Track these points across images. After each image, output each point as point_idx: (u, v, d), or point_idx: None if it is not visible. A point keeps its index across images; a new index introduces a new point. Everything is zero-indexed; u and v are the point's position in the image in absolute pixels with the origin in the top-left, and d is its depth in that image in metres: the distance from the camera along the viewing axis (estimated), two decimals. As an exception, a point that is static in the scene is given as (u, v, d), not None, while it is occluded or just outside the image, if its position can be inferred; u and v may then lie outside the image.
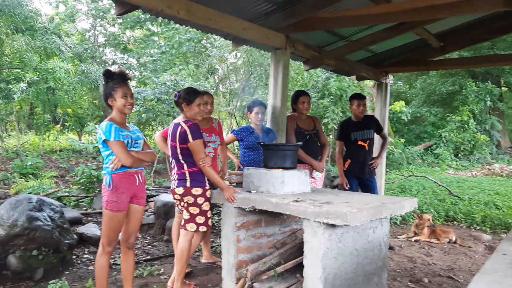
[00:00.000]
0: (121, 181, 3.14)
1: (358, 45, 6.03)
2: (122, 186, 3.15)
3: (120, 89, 3.16)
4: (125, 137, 3.14)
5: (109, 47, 19.36)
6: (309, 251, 2.82)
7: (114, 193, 3.12)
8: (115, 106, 3.19)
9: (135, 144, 3.24)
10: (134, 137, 3.24)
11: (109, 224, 3.18)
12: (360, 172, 5.26)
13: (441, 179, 11.42)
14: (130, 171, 3.20)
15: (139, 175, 3.29)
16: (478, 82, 18.95)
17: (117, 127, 3.11)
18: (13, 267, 3.81)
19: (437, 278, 4.28)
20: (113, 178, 3.11)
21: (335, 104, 11.87)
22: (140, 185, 3.31)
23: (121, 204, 3.15)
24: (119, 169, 3.13)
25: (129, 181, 3.20)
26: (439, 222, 6.97)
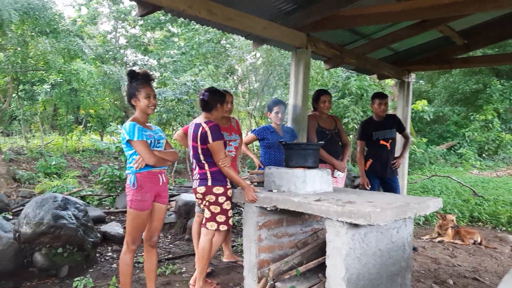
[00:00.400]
0: (145, 180, 3.17)
1: (380, 43, 5.96)
2: (146, 186, 3.17)
3: (143, 90, 3.18)
4: (148, 136, 3.16)
5: (130, 48, 19.59)
6: (331, 251, 2.79)
7: (139, 192, 3.15)
8: (138, 107, 3.21)
9: (157, 143, 3.26)
10: (156, 137, 3.26)
11: (133, 223, 3.21)
12: (382, 172, 5.20)
13: (465, 179, 11.20)
14: (154, 171, 3.22)
15: (162, 175, 3.32)
16: (502, 80, 18.53)
17: (140, 127, 3.14)
18: (39, 264, 3.89)
19: (462, 280, 4.20)
20: (138, 178, 3.14)
21: (356, 104, 11.77)
22: (164, 185, 3.34)
23: (145, 203, 3.18)
24: (143, 169, 3.15)
25: (153, 181, 3.23)
26: (463, 223, 6.84)
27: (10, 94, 12.63)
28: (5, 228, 4.09)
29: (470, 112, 18.61)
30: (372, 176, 5.21)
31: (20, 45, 10.67)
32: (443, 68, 8.52)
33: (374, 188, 5.16)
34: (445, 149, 17.20)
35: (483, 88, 18.54)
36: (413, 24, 5.45)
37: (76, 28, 16.14)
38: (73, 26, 15.81)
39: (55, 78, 13.30)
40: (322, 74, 12.53)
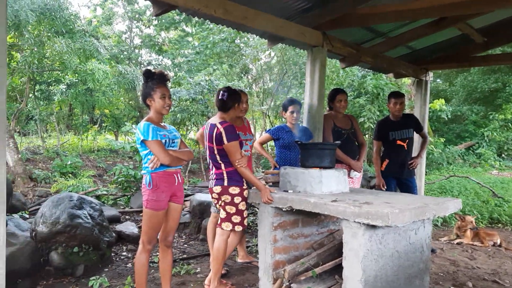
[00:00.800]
0: (161, 180, 3.16)
1: (397, 42, 5.87)
2: (162, 185, 3.16)
3: (159, 90, 3.16)
4: (162, 136, 3.15)
5: (145, 48, 19.73)
6: (348, 252, 2.74)
7: (154, 192, 3.14)
8: (153, 106, 3.20)
9: (172, 143, 3.25)
10: (171, 136, 3.25)
11: (149, 223, 3.20)
12: (398, 172, 5.12)
13: (484, 180, 11.00)
14: (170, 171, 3.21)
15: (178, 174, 3.30)
16: (522, 79, 18.20)
17: (155, 127, 3.13)
18: (56, 263, 3.91)
19: (481, 283, 4.11)
20: (153, 177, 3.13)
21: (372, 103, 11.64)
22: (179, 185, 3.32)
23: (161, 203, 3.17)
24: (158, 169, 3.14)
25: (169, 180, 3.21)
26: (482, 224, 6.71)
27: (27, 94, 12.80)
28: (22, 227, 4.12)
29: (489, 111, 18.32)
30: (388, 177, 5.13)
31: (37, 45, 10.80)
32: (462, 67, 8.36)
33: (391, 189, 5.09)
34: (463, 149, 16.95)
35: (502, 87, 18.23)
36: (431, 22, 5.35)
37: (91, 29, 16.32)
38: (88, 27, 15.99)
39: (70, 78, 13.44)
40: (337, 73, 12.43)
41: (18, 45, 11.15)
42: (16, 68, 11.59)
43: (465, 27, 5.54)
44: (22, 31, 9.73)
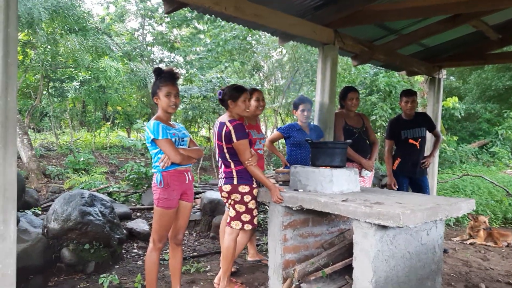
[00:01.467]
0: (172, 178, 3.16)
1: (410, 39, 5.80)
2: (173, 184, 3.17)
3: (164, 88, 3.15)
4: (172, 135, 3.15)
5: (157, 45, 19.77)
6: (359, 253, 2.72)
7: (166, 191, 3.14)
8: (160, 105, 3.20)
9: (182, 141, 3.25)
10: (180, 134, 3.25)
11: (160, 221, 3.21)
12: (411, 172, 5.06)
13: (497, 179, 10.84)
14: (180, 169, 3.21)
15: (188, 172, 3.31)
16: (538, 76, 17.89)
17: (164, 125, 3.13)
18: (67, 260, 3.94)
19: (495, 284, 4.05)
20: (164, 176, 3.14)
21: (384, 101, 11.54)
22: (189, 183, 3.33)
23: (172, 202, 3.18)
24: (169, 167, 3.14)
25: (179, 179, 3.22)
26: (496, 224, 6.62)
27: (41, 91, 12.94)
28: (34, 224, 4.16)
29: (503, 109, 18.04)
30: (400, 176, 5.08)
31: (50, 43, 10.90)
32: (476, 64, 8.27)
33: (403, 188, 5.04)
34: (476, 148, 16.74)
35: (517, 85, 17.95)
36: (445, 19, 5.27)
37: (104, 26, 16.40)
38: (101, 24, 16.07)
39: (84, 75, 13.56)
40: (349, 71, 12.36)
41: (32, 43, 11.27)
42: (30, 65, 11.71)
43: (479, 24, 5.45)
44: (35, 29, 9.82)
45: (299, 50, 13.49)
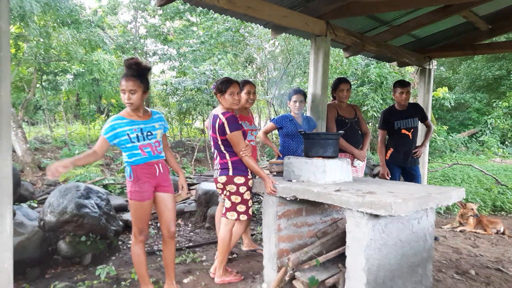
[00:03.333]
0: (142, 172, 3.16)
1: (401, 30, 5.85)
2: (143, 177, 3.17)
3: (122, 83, 3.08)
4: (133, 130, 3.11)
5: (150, 38, 19.66)
6: (351, 242, 2.79)
7: (136, 183, 3.15)
8: None
9: (148, 135, 3.19)
10: (149, 127, 3.20)
11: (135, 214, 3.21)
12: (403, 161, 5.14)
13: (487, 168, 11.00)
14: (151, 162, 3.21)
15: (159, 165, 3.28)
16: (528, 66, 18.05)
17: (117, 123, 3.09)
18: (64, 252, 3.98)
19: (484, 270, 4.15)
20: (133, 169, 3.14)
21: (375, 92, 11.62)
22: (162, 174, 3.30)
23: (144, 194, 3.18)
24: (139, 161, 3.15)
25: (150, 172, 3.21)
26: (485, 212, 6.75)
27: (34, 84, 12.87)
28: (30, 217, 4.19)
29: (492, 98, 18.23)
30: (393, 166, 5.16)
31: (43, 36, 10.83)
32: (466, 54, 8.30)
33: (395, 178, 5.12)
34: (466, 137, 16.91)
35: (506, 74, 18.12)
36: (436, 10, 5.31)
37: (97, 19, 16.28)
38: (94, 17, 15.95)
39: (77, 68, 13.49)
40: (341, 62, 12.41)
41: (24, 36, 11.19)
42: (23, 58, 11.64)
43: (469, 14, 5.50)
44: (27, 22, 9.76)
45: (291, 42, 13.50)
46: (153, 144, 3.22)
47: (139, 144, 3.14)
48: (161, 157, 3.31)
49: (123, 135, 3.09)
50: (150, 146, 3.20)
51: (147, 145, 3.18)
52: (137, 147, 3.14)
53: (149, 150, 3.19)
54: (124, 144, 3.12)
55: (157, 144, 3.27)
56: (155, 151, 3.25)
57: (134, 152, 3.14)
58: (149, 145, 3.19)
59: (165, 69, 18.53)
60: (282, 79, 14.88)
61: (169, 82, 11.01)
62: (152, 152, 3.22)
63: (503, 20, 6.13)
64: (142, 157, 3.16)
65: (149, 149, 3.19)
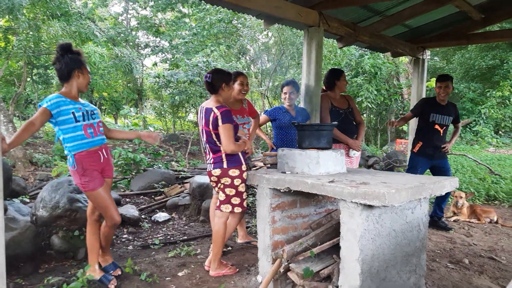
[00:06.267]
0: (86, 160, 3.12)
1: (394, 20, 5.82)
2: (89, 165, 3.14)
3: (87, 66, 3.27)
4: (78, 109, 3.12)
5: (142, 30, 19.52)
6: (346, 233, 2.78)
7: (84, 174, 3.12)
8: (79, 80, 3.19)
9: (92, 115, 3.24)
10: (88, 108, 3.25)
11: (100, 202, 3.21)
12: (431, 155, 5.13)
13: (481, 157, 11.06)
14: (93, 149, 3.19)
15: (103, 150, 3.28)
16: (521, 55, 18.10)
17: (63, 100, 3.08)
18: (57, 247, 3.96)
19: (478, 259, 4.17)
20: (77, 158, 3.09)
21: (369, 82, 11.63)
22: (106, 160, 3.31)
23: (96, 181, 3.17)
24: (81, 148, 3.11)
25: (94, 158, 3.19)
26: (479, 201, 6.78)
27: (25, 78, 12.75)
28: (23, 212, 4.16)
29: (486, 88, 18.28)
30: (420, 159, 5.15)
31: (32, 29, 10.69)
32: (460, 44, 8.31)
33: (421, 172, 5.10)
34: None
35: (500, 64, 18.16)
36: (429, 0, 5.30)
37: (87, 11, 16.12)
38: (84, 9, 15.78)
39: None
40: (335, 53, 12.38)
41: (13, 29, 11.05)
42: (12, 52, 11.51)
43: (462, 4, 5.48)
44: (16, 15, 9.63)
45: (284, 33, 13.44)
46: (95, 125, 3.24)
47: (84, 124, 3.12)
48: (104, 141, 3.32)
49: (67, 113, 3.06)
50: (93, 127, 3.20)
51: (91, 125, 3.18)
52: (81, 127, 3.11)
53: (92, 131, 3.18)
54: (66, 124, 3.07)
55: (100, 125, 3.31)
56: (98, 132, 3.25)
57: (76, 134, 3.09)
58: (91, 126, 3.19)
59: (158, 61, 18.40)
60: (276, 70, 14.85)
61: (162, 75, 10.94)
62: (95, 133, 3.20)
63: (496, 10, 6.13)
64: (85, 141, 3.12)
65: (91, 130, 3.18)
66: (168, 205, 5.98)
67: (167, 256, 4.13)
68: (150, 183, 6.72)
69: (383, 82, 12.78)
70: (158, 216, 5.54)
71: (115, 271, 3.55)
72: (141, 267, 3.80)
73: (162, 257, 4.12)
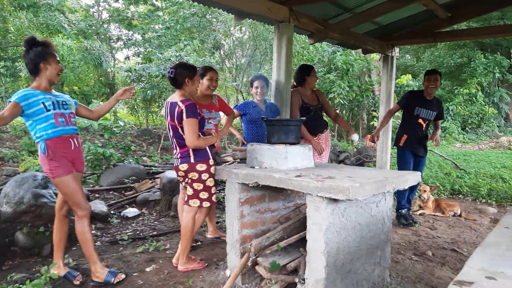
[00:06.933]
0: (57, 146, 3.11)
1: (364, 17, 5.90)
2: (59, 151, 3.12)
3: (53, 56, 3.17)
4: (48, 99, 3.11)
5: (114, 23, 19.16)
6: (311, 226, 2.82)
7: (54, 160, 3.09)
8: (47, 73, 3.15)
9: (64, 105, 3.23)
10: (59, 98, 3.24)
11: (68, 189, 3.16)
12: (416, 149, 5.22)
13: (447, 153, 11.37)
14: (65, 136, 3.17)
15: (74, 139, 3.27)
16: (487, 53, 18.64)
17: (32, 93, 3.07)
18: (21, 243, 3.88)
19: (441, 251, 4.30)
20: (48, 145, 3.08)
21: (342, 79, 11.76)
22: (76, 149, 3.28)
23: (65, 167, 3.13)
24: (53, 134, 3.09)
25: (65, 145, 3.17)
26: (444, 195, 6.98)
27: (-9, 71, 12.37)
28: (-14, 208, 4.05)
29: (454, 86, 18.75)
30: (407, 152, 5.22)
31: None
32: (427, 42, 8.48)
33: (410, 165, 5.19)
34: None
35: (467, 62, 18.65)
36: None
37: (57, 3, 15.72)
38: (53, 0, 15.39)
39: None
40: (308, 49, 12.46)
41: (-23, 20, 10.71)
42: (-23, 43, 11.16)
43: (429, 2, 5.59)
44: (-19, 5, 9.33)
45: (257, 28, 13.45)
46: (67, 115, 3.22)
47: (55, 112, 3.10)
48: (76, 130, 3.30)
49: (37, 104, 3.04)
50: (64, 116, 3.18)
51: (61, 114, 3.16)
52: (52, 116, 3.09)
53: (63, 120, 3.16)
54: (38, 114, 3.05)
55: (72, 116, 3.29)
56: (70, 122, 3.23)
57: (48, 123, 3.08)
58: (62, 115, 3.17)
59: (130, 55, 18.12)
60: (250, 65, 14.84)
61: (133, 69, 10.80)
62: (66, 123, 3.19)
63: (461, 8, 6.28)
64: (57, 129, 3.10)
65: (63, 119, 3.16)
66: (138, 200, 5.93)
67: (135, 252, 4.10)
68: (120, 179, 6.64)
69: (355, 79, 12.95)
70: (127, 212, 5.49)
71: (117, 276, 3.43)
72: (108, 263, 3.77)
73: (130, 252, 4.10)
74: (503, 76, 18.69)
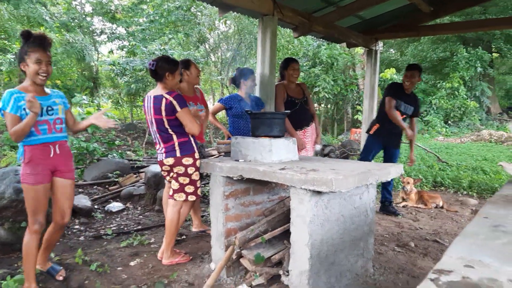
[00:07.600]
0: (35, 152, 2.92)
1: (347, 11, 5.93)
2: (36, 158, 2.93)
3: (33, 54, 2.84)
4: None
5: (97, 16, 18.90)
6: (295, 218, 2.84)
7: (28, 165, 2.91)
8: (27, 73, 2.91)
9: (49, 111, 2.99)
10: (49, 103, 3.00)
11: (28, 200, 2.95)
12: (386, 141, 5.26)
13: (430, 146, 11.52)
14: (45, 142, 2.97)
15: (56, 146, 3.04)
16: (469, 48, 18.89)
17: (19, 96, 2.84)
18: (3, 239, 3.82)
19: (423, 242, 4.37)
20: (26, 150, 2.91)
21: (326, 73, 11.81)
22: (58, 156, 3.05)
23: (37, 176, 2.92)
24: (33, 141, 2.92)
25: (43, 152, 2.97)
26: (427, 187, 7.07)
27: (-30, 64, 12.11)
28: (-34, 203, 3.98)
29: (437, 80, 18.97)
30: (374, 142, 5.25)
31: (-22, 12, 10.17)
32: (410, 36, 8.57)
33: (370, 156, 5.23)
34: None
35: (450, 56, 18.89)
36: (380, -9, 5.44)
37: (38, -6, 15.45)
38: (34, -8, 15.11)
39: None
40: (292, 43, 12.48)
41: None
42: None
43: (412, -4, 5.66)
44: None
45: (242, 22, 13.41)
46: (51, 122, 2.99)
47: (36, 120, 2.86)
48: (60, 137, 3.07)
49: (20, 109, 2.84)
50: (48, 123, 2.97)
51: (44, 121, 2.94)
52: None
53: (45, 127, 2.95)
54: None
55: (58, 122, 3.06)
56: (53, 129, 3.01)
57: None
58: (46, 122, 2.95)
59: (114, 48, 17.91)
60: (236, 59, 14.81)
61: (117, 63, 10.69)
62: (48, 130, 2.97)
63: (445, 3, 6.36)
64: (36, 137, 2.92)
65: (45, 127, 2.95)
66: (123, 195, 5.89)
67: (119, 246, 4.08)
68: (104, 173, 6.59)
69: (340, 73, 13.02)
70: (111, 206, 5.45)
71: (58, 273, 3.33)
72: (92, 258, 3.74)
73: (114, 247, 4.07)
74: (484, 70, 18.97)
